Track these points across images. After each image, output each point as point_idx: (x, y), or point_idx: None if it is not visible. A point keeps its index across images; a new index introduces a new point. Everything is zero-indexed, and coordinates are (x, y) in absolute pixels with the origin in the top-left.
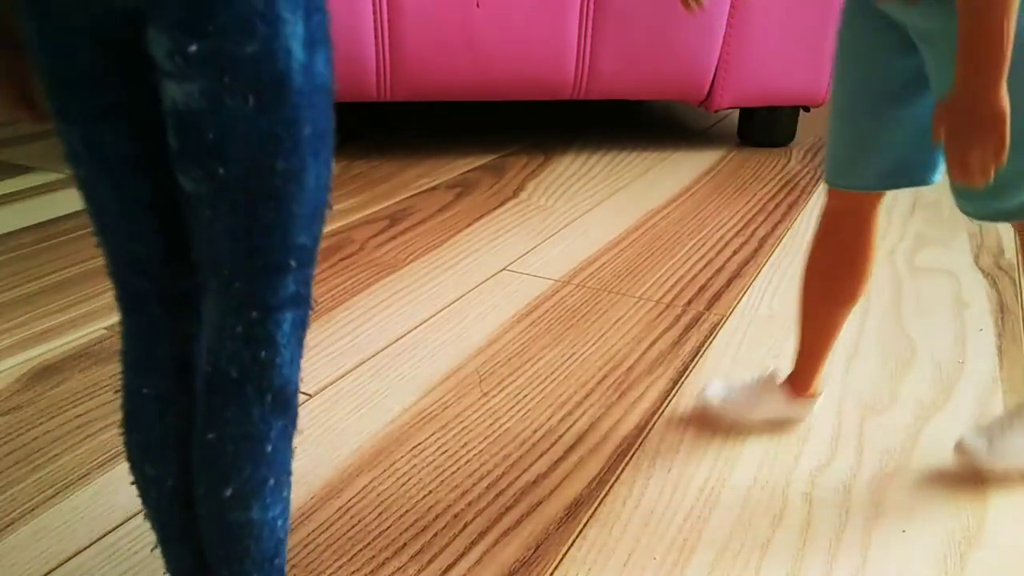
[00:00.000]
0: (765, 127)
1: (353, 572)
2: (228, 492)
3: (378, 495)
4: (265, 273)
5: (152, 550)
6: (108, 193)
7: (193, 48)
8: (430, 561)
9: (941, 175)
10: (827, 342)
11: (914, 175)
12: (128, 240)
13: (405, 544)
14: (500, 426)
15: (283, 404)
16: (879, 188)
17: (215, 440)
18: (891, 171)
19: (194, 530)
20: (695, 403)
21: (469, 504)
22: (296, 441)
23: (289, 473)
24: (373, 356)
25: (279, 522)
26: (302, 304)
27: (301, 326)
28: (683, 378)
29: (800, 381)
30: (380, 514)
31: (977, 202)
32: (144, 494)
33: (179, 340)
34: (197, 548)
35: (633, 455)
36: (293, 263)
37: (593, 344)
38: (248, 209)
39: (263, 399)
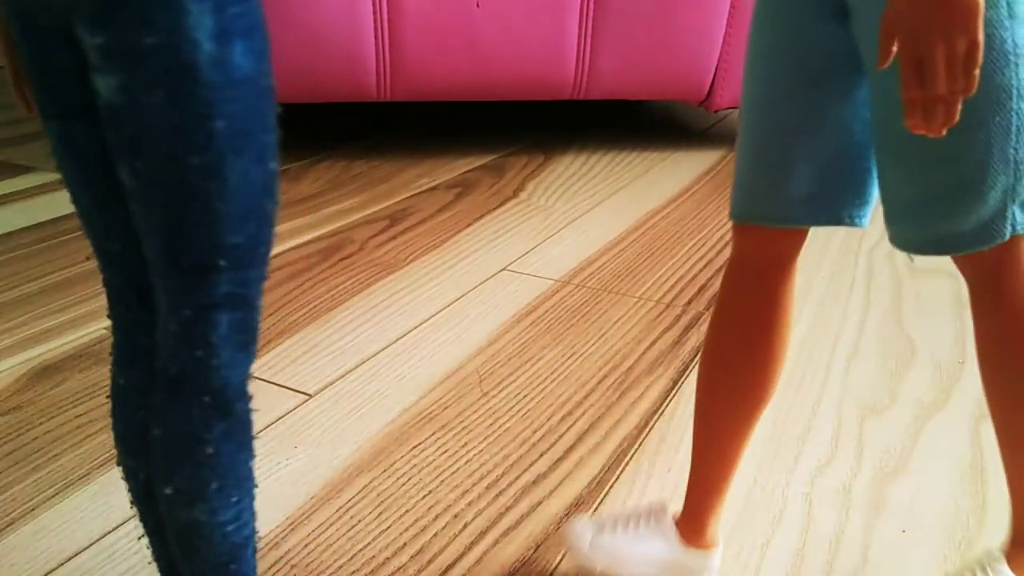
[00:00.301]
0: None
1: (353, 572)
2: (169, 490)
3: (378, 495)
4: (194, 271)
5: (139, 538)
6: (81, 189)
7: (100, 40)
8: (430, 561)
9: (869, 215)
10: (728, 470)
11: (843, 205)
12: (102, 234)
13: (405, 544)
14: (500, 426)
15: (223, 407)
16: (800, 220)
17: (159, 436)
18: (815, 194)
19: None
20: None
21: (469, 504)
22: (296, 440)
23: (244, 478)
24: (373, 356)
25: (230, 527)
26: (241, 306)
27: (241, 329)
28: (683, 378)
29: (692, 526)
30: (380, 514)
31: (927, 222)
32: (128, 485)
33: (153, 334)
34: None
35: (633, 455)
36: (223, 263)
37: (593, 344)
38: (170, 205)
39: (201, 400)
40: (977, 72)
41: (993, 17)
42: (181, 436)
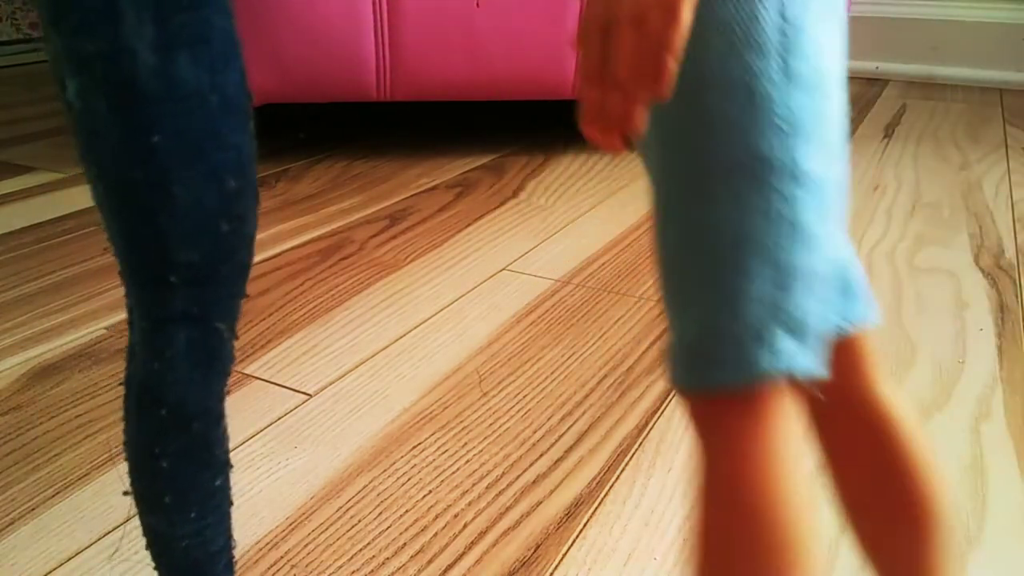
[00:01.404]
0: None
1: (353, 572)
2: (130, 494)
3: (378, 495)
4: (148, 285)
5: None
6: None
7: (57, 43)
8: (430, 561)
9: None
10: None
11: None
12: (108, 231)
13: (405, 544)
14: (500, 426)
15: (180, 423)
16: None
17: (126, 441)
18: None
19: None
20: None
21: (469, 504)
22: (296, 440)
23: (207, 496)
24: (373, 356)
25: (186, 541)
26: (199, 325)
27: (202, 347)
28: None
29: None
30: (380, 514)
31: (670, 329)
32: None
33: None
34: None
35: (633, 455)
36: (174, 279)
37: (593, 344)
38: (119, 216)
39: (159, 412)
40: (672, 63)
41: (761, 69)
42: (138, 445)
